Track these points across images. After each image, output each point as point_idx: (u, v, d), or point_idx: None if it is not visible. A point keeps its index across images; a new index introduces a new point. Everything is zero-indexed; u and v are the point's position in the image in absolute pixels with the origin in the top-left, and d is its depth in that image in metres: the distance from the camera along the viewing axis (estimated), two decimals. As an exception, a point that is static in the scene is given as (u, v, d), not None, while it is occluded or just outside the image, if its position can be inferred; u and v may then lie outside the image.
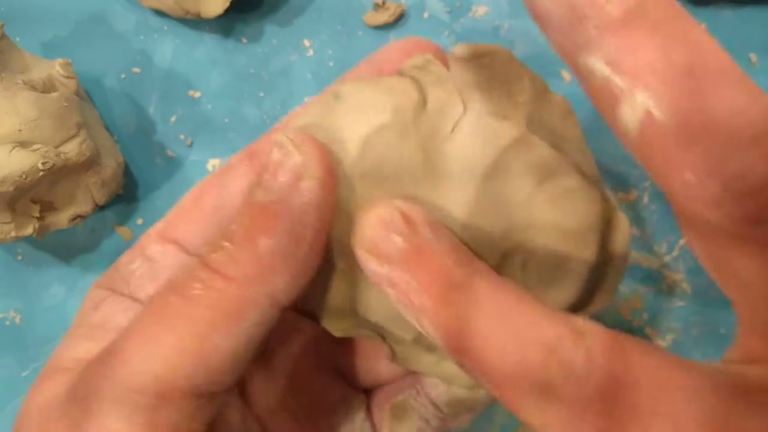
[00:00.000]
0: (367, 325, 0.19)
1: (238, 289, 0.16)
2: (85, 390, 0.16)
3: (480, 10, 0.33)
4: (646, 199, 0.32)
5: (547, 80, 0.19)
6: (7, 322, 0.33)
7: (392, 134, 0.17)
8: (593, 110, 0.21)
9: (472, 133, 0.17)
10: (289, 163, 0.16)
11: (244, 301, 0.16)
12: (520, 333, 0.14)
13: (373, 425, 0.22)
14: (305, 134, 0.17)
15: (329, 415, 0.22)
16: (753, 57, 0.33)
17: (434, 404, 0.21)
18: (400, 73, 0.19)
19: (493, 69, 0.17)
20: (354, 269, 0.18)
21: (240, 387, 0.21)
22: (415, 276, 0.15)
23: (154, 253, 0.20)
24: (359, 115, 0.17)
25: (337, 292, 0.18)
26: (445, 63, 0.18)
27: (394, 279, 0.15)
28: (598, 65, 0.12)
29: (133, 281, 0.20)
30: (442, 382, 0.20)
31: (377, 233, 0.16)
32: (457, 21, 0.33)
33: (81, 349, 0.18)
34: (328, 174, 0.16)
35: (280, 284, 0.16)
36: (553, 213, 0.17)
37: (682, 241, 0.32)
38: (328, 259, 0.18)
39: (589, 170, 0.18)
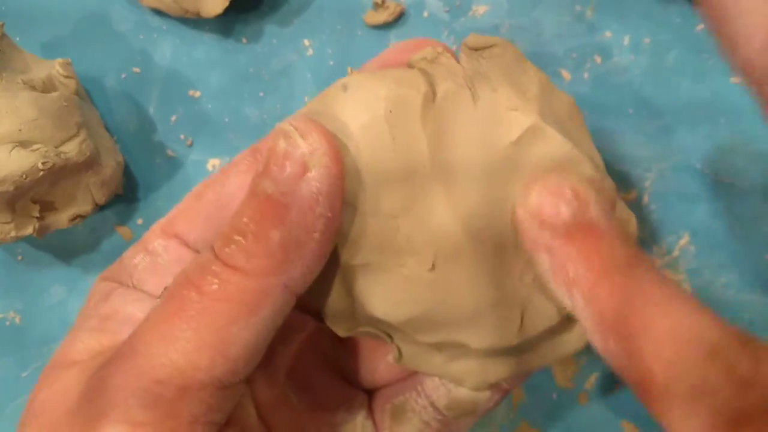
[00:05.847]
0: (375, 324, 0.19)
1: (254, 281, 0.16)
2: (104, 382, 0.16)
3: (480, 10, 0.33)
4: (646, 199, 0.32)
5: (547, 80, 0.19)
6: (7, 323, 0.33)
7: (398, 124, 0.17)
8: (592, 111, 0.21)
9: (483, 124, 0.17)
10: (296, 152, 0.16)
11: (260, 293, 0.16)
12: (679, 328, 0.13)
13: (375, 425, 0.22)
14: (311, 121, 0.16)
15: (330, 412, 0.22)
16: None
17: (434, 406, 0.21)
18: (410, 66, 0.18)
19: (502, 61, 0.17)
20: (365, 265, 0.17)
21: None
22: (577, 247, 0.15)
23: (156, 247, 0.20)
24: (364, 105, 0.17)
25: (342, 290, 0.18)
26: (455, 58, 0.18)
27: (555, 246, 0.15)
28: None
29: (136, 274, 0.20)
30: (450, 383, 0.20)
31: (546, 200, 0.16)
32: (457, 20, 0.33)
33: (92, 341, 0.19)
34: (335, 162, 0.16)
35: (294, 274, 0.16)
36: None
37: (682, 242, 0.32)
38: (334, 256, 0.18)
39: (599, 164, 0.18)
